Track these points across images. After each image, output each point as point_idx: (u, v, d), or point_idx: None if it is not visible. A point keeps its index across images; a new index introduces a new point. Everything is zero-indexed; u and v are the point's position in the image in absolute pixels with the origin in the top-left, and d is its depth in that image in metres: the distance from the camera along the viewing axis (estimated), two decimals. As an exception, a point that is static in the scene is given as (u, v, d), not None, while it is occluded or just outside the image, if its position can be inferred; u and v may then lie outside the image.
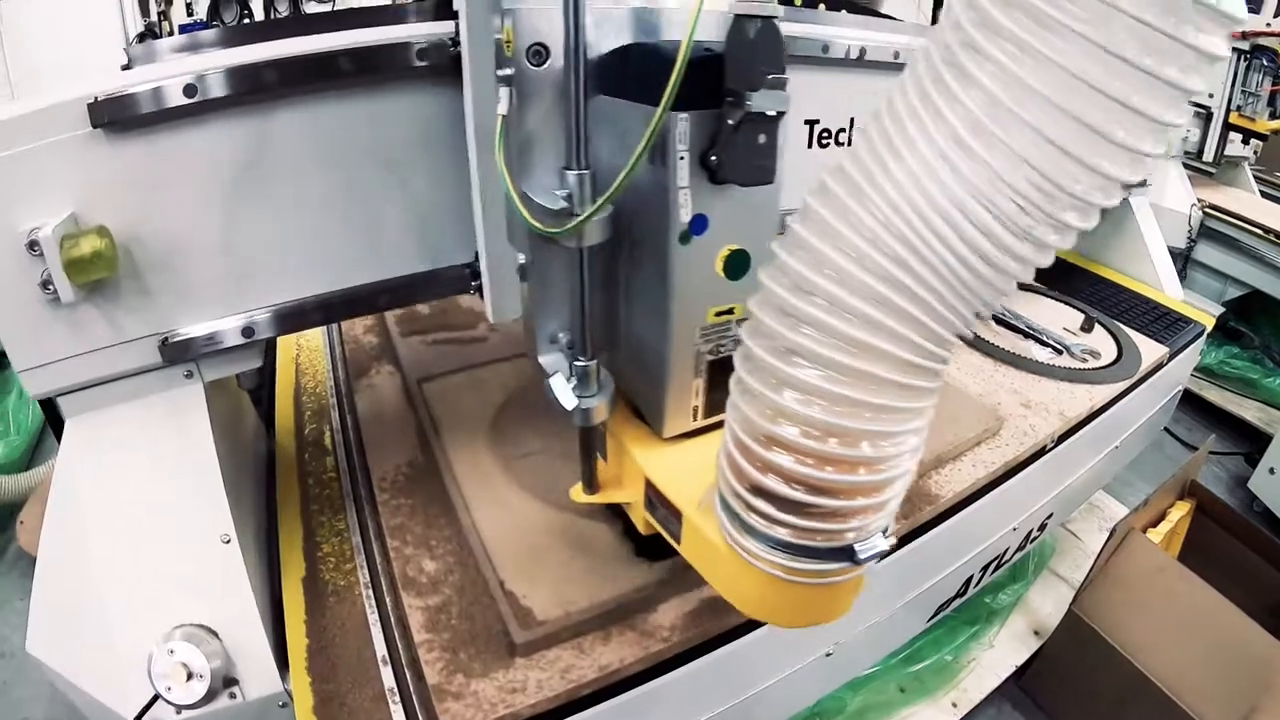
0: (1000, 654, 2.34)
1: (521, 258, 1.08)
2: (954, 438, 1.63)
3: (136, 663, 1.11)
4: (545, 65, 0.99)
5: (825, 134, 1.48)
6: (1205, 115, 4.18)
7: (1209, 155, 4.24)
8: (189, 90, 1.01)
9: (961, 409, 1.73)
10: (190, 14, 5.20)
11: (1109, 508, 2.93)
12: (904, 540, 1.44)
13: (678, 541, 1.04)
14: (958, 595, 1.81)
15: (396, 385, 1.80)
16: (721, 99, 0.87)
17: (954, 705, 2.16)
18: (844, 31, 1.47)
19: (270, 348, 1.95)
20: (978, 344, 2.05)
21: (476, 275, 1.26)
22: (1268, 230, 3.63)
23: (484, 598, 1.23)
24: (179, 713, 1.12)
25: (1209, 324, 2.46)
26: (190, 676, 1.10)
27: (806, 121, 1.46)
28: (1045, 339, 2.10)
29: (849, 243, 0.67)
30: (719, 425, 1.09)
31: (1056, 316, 2.25)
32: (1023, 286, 2.43)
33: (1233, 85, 4.04)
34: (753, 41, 0.82)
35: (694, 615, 1.23)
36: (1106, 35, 0.54)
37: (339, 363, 1.91)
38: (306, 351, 1.98)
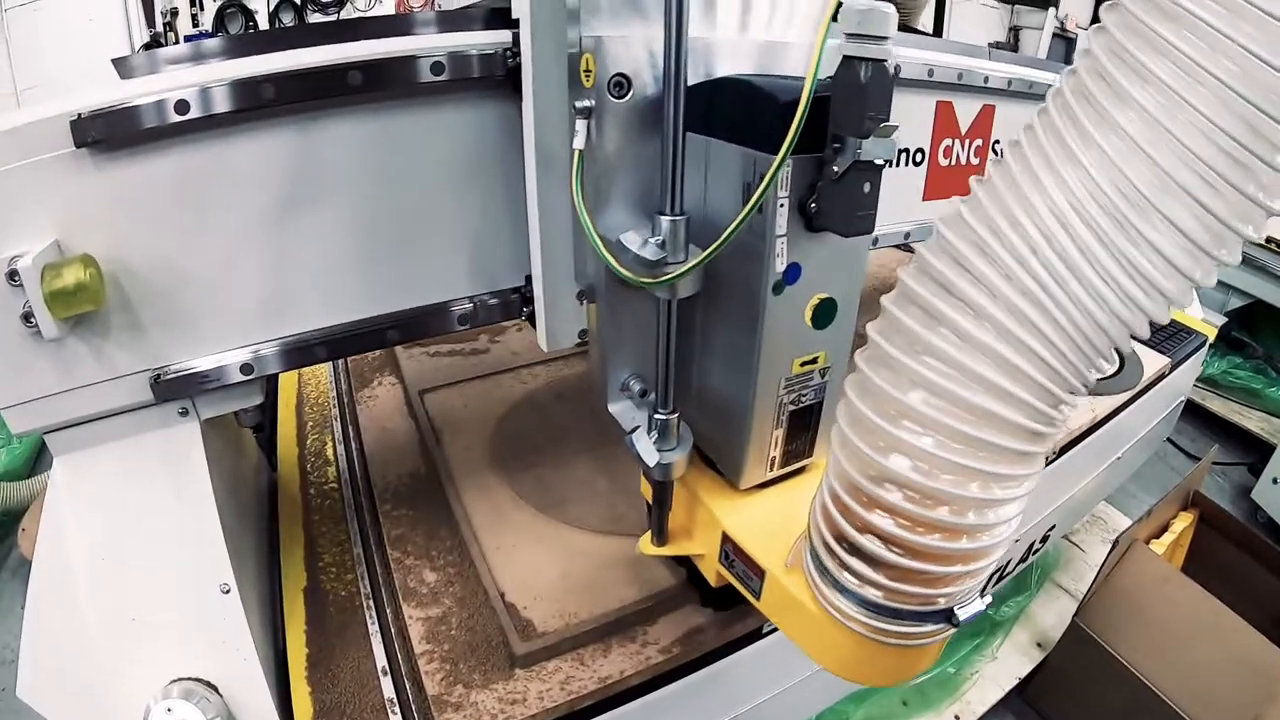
0: (1003, 666, 2.33)
1: (578, 286, 1.06)
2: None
3: (132, 717, 1.05)
4: (627, 97, 0.95)
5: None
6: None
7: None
8: (181, 107, 0.92)
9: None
10: (196, 25, 5.23)
11: (1112, 519, 2.92)
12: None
13: (756, 598, 1.00)
14: (960, 607, 1.80)
15: (398, 397, 1.81)
16: (824, 143, 0.82)
17: (957, 717, 2.15)
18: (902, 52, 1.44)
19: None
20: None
21: (527, 301, 1.19)
22: (1271, 240, 3.63)
23: (484, 609, 1.23)
24: None
25: (1211, 334, 2.46)
26: None
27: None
28: (1047, 350, 2.10)
29: (969, 297, 0.63)
30: (794, 473, 1.10)
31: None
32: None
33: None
34: (864, 85, 0.76)
35: (696, 628, 1.23)
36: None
37: (341, 374, 1.91)
38: (311, 382, 1.99)
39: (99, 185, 0.94)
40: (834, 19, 0.72)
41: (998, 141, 1.78)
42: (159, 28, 5.23)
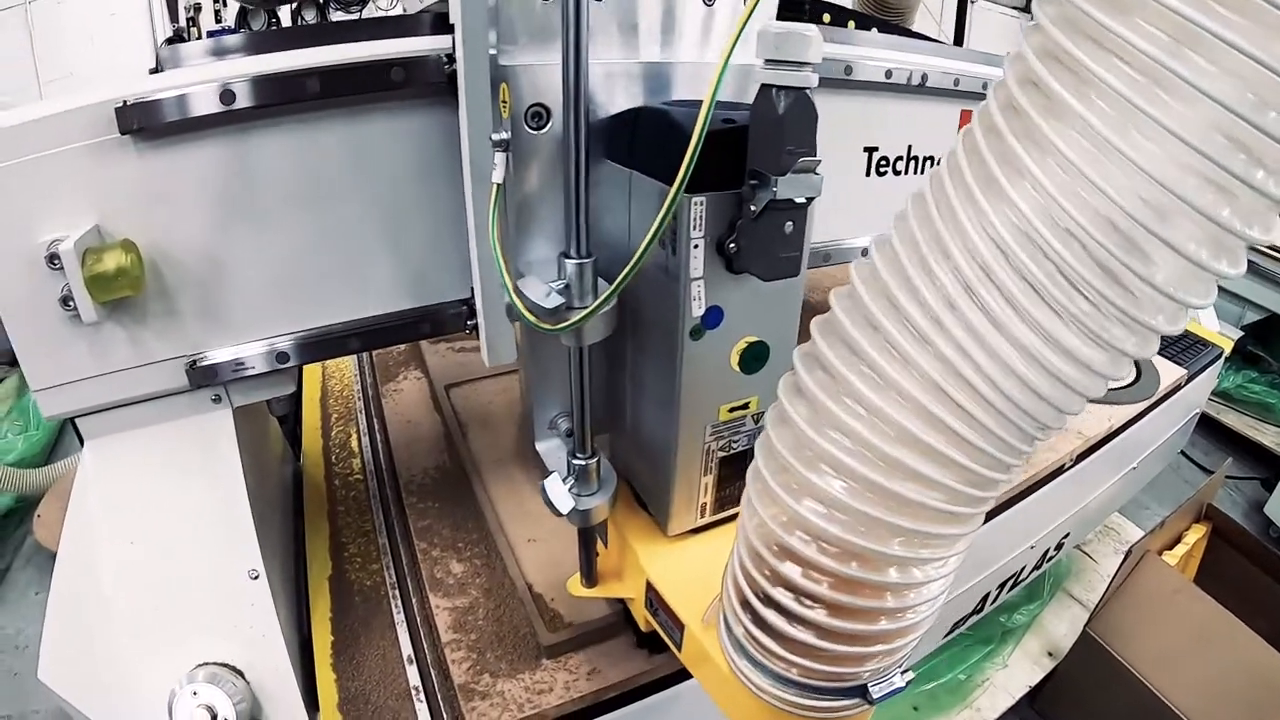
0: (1014, 674, 2.33)
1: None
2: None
3: (155, 701, 1.05)
4: (547, 128, 0.89)
5: (884, 162, 1.45)
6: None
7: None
8: (226, 96, 0.93)
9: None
10: (219, 20, 5.27)
11: (1125, 530, 2.92)
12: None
13: (678, 649, 0.96)
14: (974, 612, 1.81)
15: (423, 391, 1.83)
16: (743, 179, 0.75)
17: (967, 724, 2.16)
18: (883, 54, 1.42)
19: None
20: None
21: (473, 313, 1.13)
22: (1287, 254, 3.63)
23: (511, 600, 1.25)
24: None
25: (1227, 347, 2.46)
26: (214, 718, 1.03)
27: (866, 149, 1.42)
28: (1065, 359, 2.11)
29: (894, 339, 0.56)
30: (728, 519, 1.05)
31: (1076, 336, 2.26)
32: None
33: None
34: (781, 117, 0.69)
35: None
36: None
37: (366, 368, 1.93)
38: (335, 377, 2.01)
39: (142, 172, 0.95)
40: (735, 43, 0.66)
41: None
42: (182, 22, 5.28)
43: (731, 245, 0.80)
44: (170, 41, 5.19)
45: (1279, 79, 0.41)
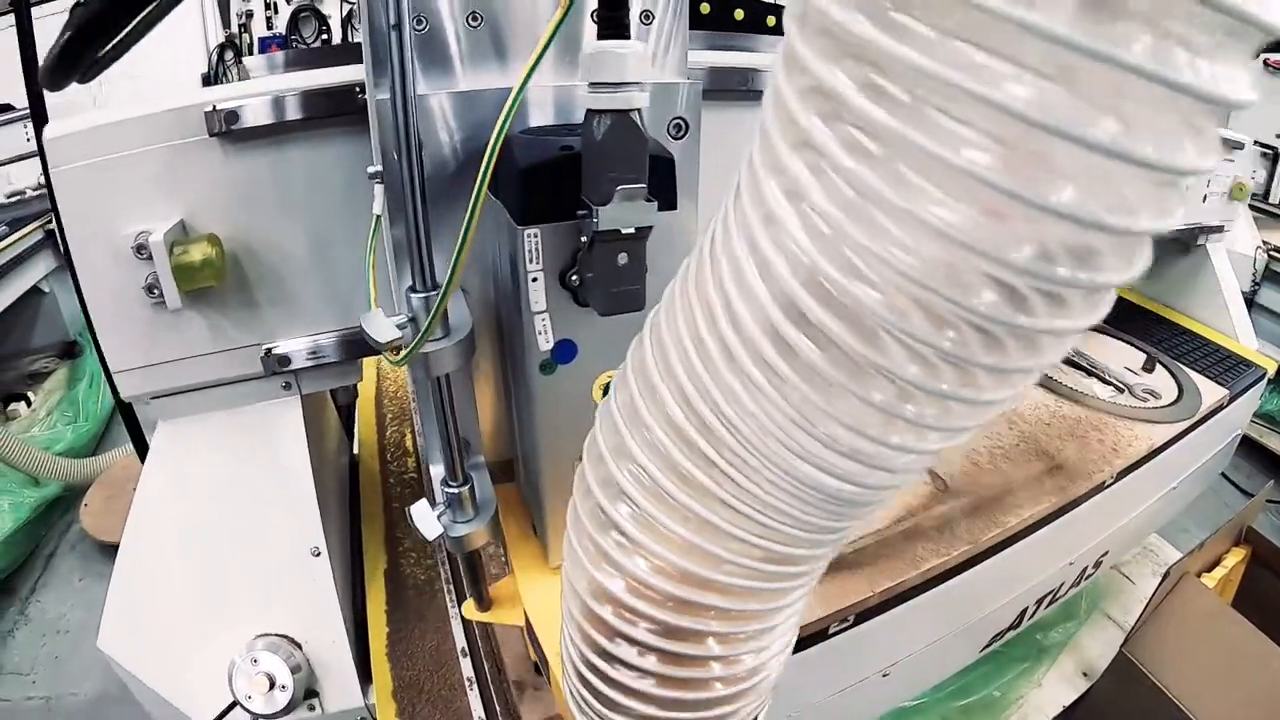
0: (1048, 693, 2.32)
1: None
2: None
3: (213, 669, 1.11)
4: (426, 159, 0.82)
5: None
6: (1272, 156, 4.13)
7: (1276, 197, 4.18)
8: (308, 104, 1.00)
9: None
10: (270, 28, 5.40)
11: (1163, 551, 2.89)
12: (965, 565, 1.46)
13: (549, 682, 0.91)
14: (1011, 627, 1.81)
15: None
16: (586, 209, 0.70)
17: (1001, 742, 2.16)
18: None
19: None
20: (1041, 381, 2.06)
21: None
22: (1334, 278, 3.58)
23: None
24: None
25: (1271, 368, 2.44)
26: (272, 686, 1.10)
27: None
28: (1107, 377, 2.10)
29: (661, 398, 0.50)
30: None
31: (1119, 355, 2.25)
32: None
33: (1301, 128, 4.00)
34: (599, 143, 0.65)
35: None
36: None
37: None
38: (389, 380, 2.06)
39: (226, 172, 1.02)
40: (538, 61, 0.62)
41: None
42: (234, 29, 5.41)
43: (574, 278, 0.77)
44: (222, 49, 5.34)
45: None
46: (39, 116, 2.94)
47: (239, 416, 1.19)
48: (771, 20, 1.57)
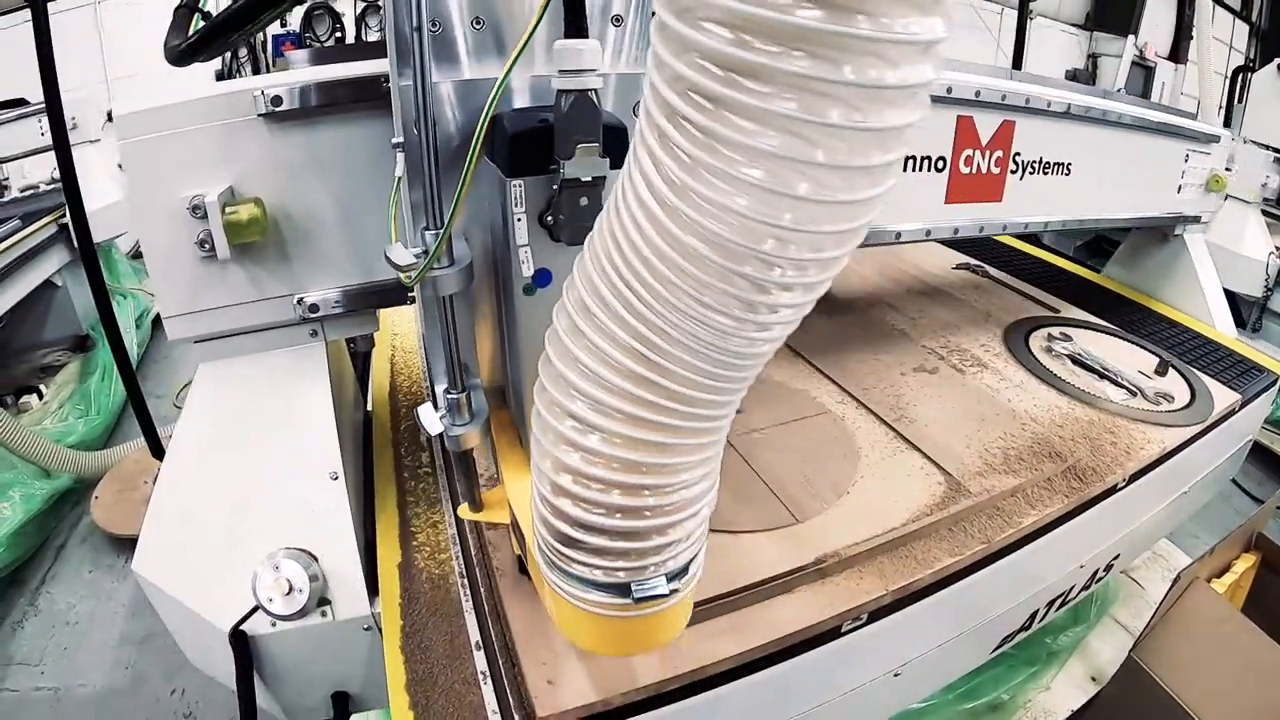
0: (1057, 697, 2.33)
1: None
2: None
3: (238, 582, 1.25)
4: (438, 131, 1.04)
5: None
6: (1286, 161, 4.12)
7: (1289, 203, 4.18)
8: (338, 91, 1.21)
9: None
10: (284, 25, 5.43)
11: (1172, 557, 2.89)
12: (978, 565, 1.46)
13: (526, 565, 1.10)
14: (1022, 629, 1.81)
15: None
16: (554, 163, 0.93)
17: (1009, 745, 2.16)
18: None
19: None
20: (1053, 383, 2.06)
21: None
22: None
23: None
24: (274, 624, 1.28)
25: (1284, 374, 2.43)
26: (290, 591, 1.24)
27: None
28: (1120, 380, 2.10)
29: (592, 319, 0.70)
30: None
31: (1131, 359, 2.24)
32: (1098, 328, 2.44)
33: (1314, 133, 3.98)
34: (566, 114, 0.88)
35: (793, 618, 1.27)
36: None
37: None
38: (401, 353, 2.07)
39: (270, 146, 1.22)
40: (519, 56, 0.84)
41: (1019, 153, 1.98)
42: (248, 26, 5.46)
43: (549, 218, 0.99)
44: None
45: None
46: (55, 112, 2.95)
47: (271, 359, 1.37)
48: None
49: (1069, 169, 2.15)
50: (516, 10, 1.03)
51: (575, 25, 0.91)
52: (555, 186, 0.94)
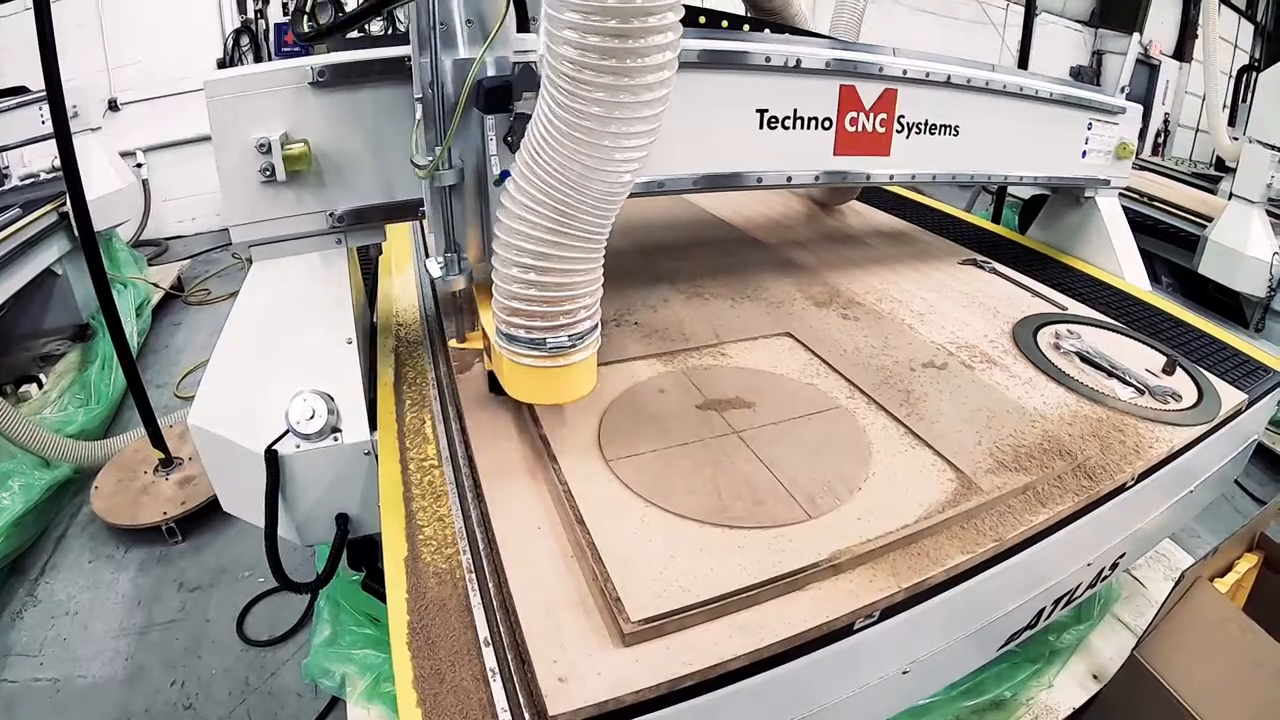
0: (1059, 695, 2.32)
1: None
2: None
3: (271, 418, 1.63)
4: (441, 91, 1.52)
5: (773, 120, 2.11)
6: (1289, 161, 4.11)
7: (1294, 201, 4.17)
8: (366, 67, 1.74)
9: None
10: (286, 13, 5.40)
11: (1174, 556, 2.89)
12: (989, 563, 1.46)
13: (490, 358, 1.64)
14: (1028, 627, 1.81)
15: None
16: (511, 106, 1.44)
17: (1011, 743, 2.15)
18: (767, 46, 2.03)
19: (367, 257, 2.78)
20: (1062, 380, 2.05)
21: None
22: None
23: (591, 587, 1.27)
24: (298, 445, 1.63)
25: (1288, 374, 2.43)
26: (313, 416, 1.62)
27: (758, 110, 2.08)
28: (1128, 379, 2.09)
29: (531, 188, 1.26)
30: None
31: (1139, 357, 2.24)
32: (1106, 326, 2.43)
33: (1319, 133, 3.97)
34: (518, 76, 1.42)
35: (795, 619, 1.26)
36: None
37: (440, 357, 1.98)
38: (406, 344, 2.06)
39: (315, 104, 1.72)
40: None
41: (903, 116, 2.35)
42: (250, 14, 5.41)
43: (509, 139, 1.48)
44: (238, 34, 5.36)
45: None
46: (56, 100, 2.94)
47: (306, 259, 1.85)
48: (725, 23, 2.27)
49: (956, 130, 2.50)
50: (491, 14, 1.45)
51: (522, 23, 1.54)
52: (511, 119, 1.46)
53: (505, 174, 1.40)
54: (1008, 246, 3.33)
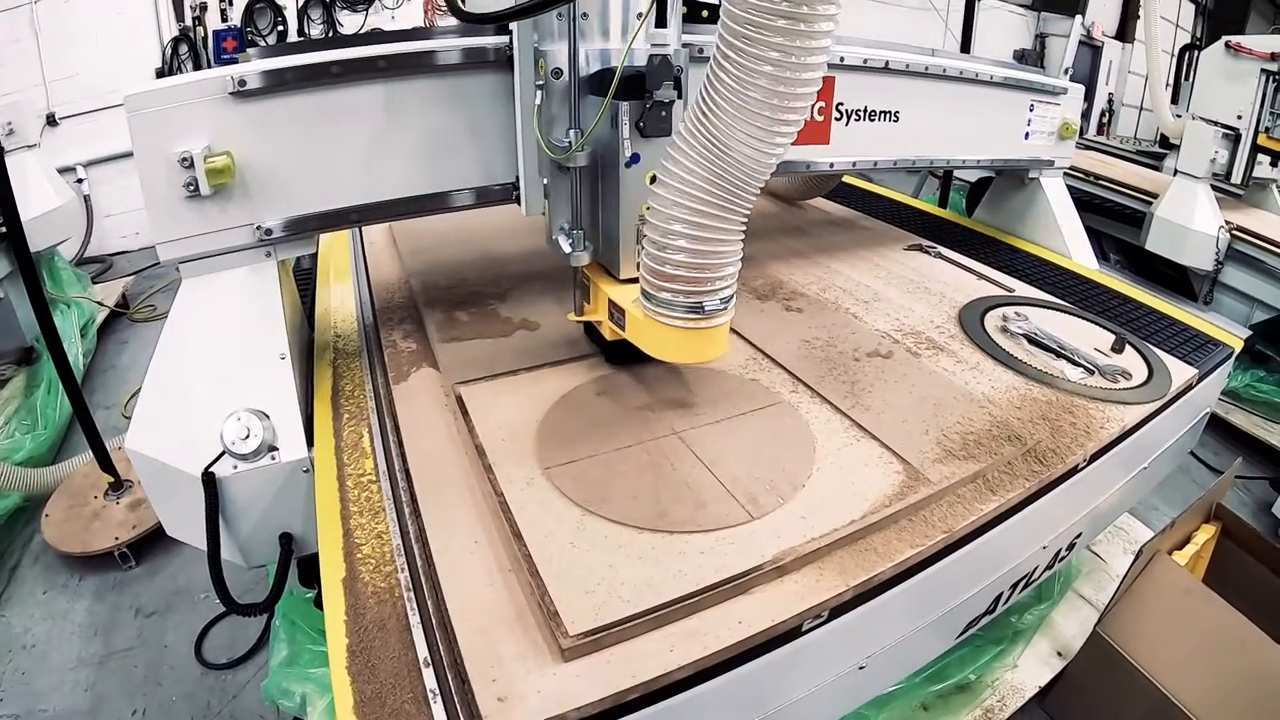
0: (1024, 674, 2.33)
1: (545, 180, 1.75)
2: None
3: (209, 440, 1.60)
4: (561, 80, 1.63)
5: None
6: (1234, 137, 4.18)
7: (1237, 177, 4.23)
8: (288, 75, 1.65)
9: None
10: (224, 20, 5.27)
11: (1134, 530, 2.92)
12: (940, 554, 1.45)
13: (622, 329, 1.72)
14: (987, 613, 1.80)
15: (434, 390, 1.82)
16: (646, 94, 1.58)
17: (977, 724, 2.16)
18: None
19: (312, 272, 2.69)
20: (1010, 363, 2.05)
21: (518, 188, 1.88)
22: (1295, 255, 3.62)
23: (530, 602, 1.24)
24: (235, 466, 1.60)
25: (1238, 346, 2.46)
26: (248, 436, 1.60)
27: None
28: (1077, 359, 2.09)
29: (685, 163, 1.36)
30: None
31: (1088, 337, 2.24)
32: (1054, 307, 2.44)
33: (1261, 107, 4.04)
34: (656, 67, 1.54)
35: (739, 624, 1.24)
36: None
37: (377, 366, 1.93)
38: (344, 355, 2.01)
39: (237, 115, 1.64)
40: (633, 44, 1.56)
41: (841, 103, 2.38)
42: (188, 22, 5.28)
43: (641, 124, 1.61)
44: (176, 41, 5.22)
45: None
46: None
47: (235, 273, 1.76)
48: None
49: (897, 116, 2.51)
50: (627, 9, 1.62)
51: (660, 17, 1.61)
52: (646, 106, 1.59)
53: (636, 156, 1.62)
54: (954, 230, 3.36)
